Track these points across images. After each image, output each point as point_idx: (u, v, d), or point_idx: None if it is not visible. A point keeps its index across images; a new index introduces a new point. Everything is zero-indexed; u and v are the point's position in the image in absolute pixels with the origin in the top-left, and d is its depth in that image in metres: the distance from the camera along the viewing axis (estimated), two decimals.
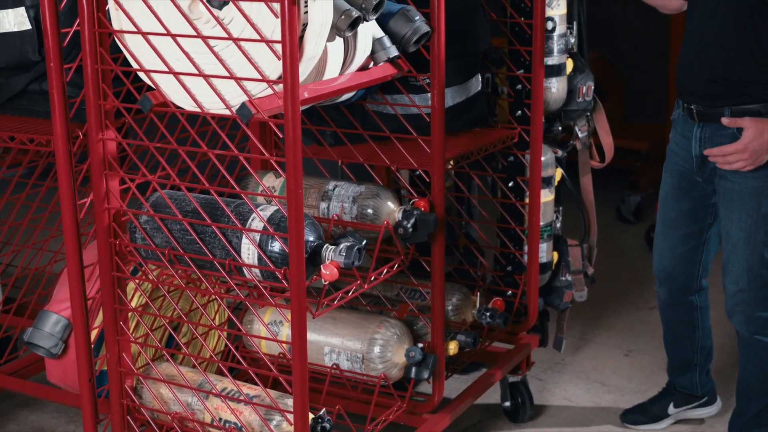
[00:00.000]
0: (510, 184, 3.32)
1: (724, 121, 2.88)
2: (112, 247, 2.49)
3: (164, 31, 2.26)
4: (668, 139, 3.14)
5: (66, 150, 2.45)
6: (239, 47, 2.19)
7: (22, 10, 2.89)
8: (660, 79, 5.48)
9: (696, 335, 3.28)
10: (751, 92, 2.85)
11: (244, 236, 2.34)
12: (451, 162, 3.08)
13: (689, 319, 3.26)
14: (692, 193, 3.08)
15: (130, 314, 2.59)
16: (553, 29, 3.17)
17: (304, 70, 2.25)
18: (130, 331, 2.58)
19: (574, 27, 3.28)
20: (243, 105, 2.16)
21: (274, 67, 2.18)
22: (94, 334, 2.73)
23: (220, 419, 2.51)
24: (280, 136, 2.18)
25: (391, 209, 2.71)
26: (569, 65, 3.25)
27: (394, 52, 2.55)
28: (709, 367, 3.34)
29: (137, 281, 2.60)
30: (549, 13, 3.15)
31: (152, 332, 2.68)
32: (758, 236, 2.93)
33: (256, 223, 2.35)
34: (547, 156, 3.27)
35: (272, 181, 2.84)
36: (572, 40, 3.27)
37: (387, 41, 2.54)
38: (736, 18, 2.83)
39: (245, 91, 2.21)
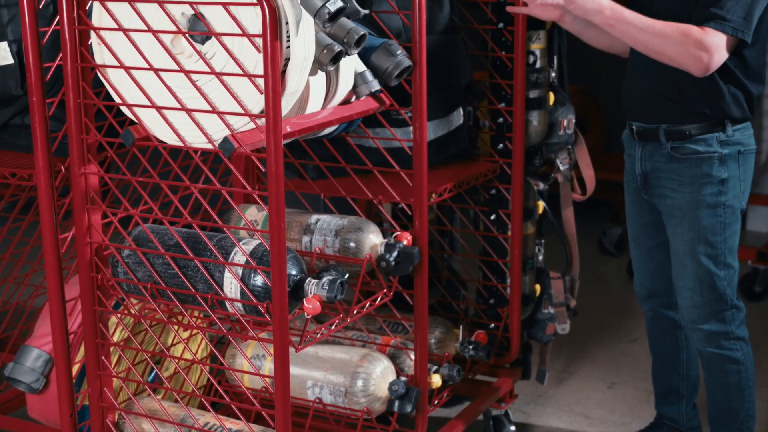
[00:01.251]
0: (492, 217, 3.33)
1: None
2: (94, 282, 2.49)
3: (147, 66, 2.27)
4: None
5: (48, 184, 2.45)
6: (222, 81, 2.20)
7: (4, 44, 2.89)
8: None
9: (681, 359, 3.28)
10: (685, 112, 2.90)
11: (226, 270, 2.34)
12: (434, 195, 3.09)
13: (673, 339, 3.26)
14: (649, 206, 3.12)
15: (111, 349, 2.58)
16: (534, 63, 3.19)
17: (287, 104, 2.25)
18: (112, 366, 2.57)
19: (555, 60, 3.30)
20: (225, 139, 2.17)
21: (256, 101, 2.19)
22: (75, 368, 2.71)
23: None
24: (263, 169, 2.18)
25: (374, 243, 2.71)
26: (550, 98, 3.28)
27: (376, 86, 2.56)
28: (695, 400, 3.34)
29: (119, 315, 2.59)
30: (530, 47, 3.18)
31: (134, 367, 2.67)
32: (700, 248, 2.95)
33: (239, 257, 2.34)
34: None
35: (255, 215, 2.84)
36: (553, 74, 3.29)
37: (369, 75, 2.56)
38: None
39: (228, 126, 2.22)
